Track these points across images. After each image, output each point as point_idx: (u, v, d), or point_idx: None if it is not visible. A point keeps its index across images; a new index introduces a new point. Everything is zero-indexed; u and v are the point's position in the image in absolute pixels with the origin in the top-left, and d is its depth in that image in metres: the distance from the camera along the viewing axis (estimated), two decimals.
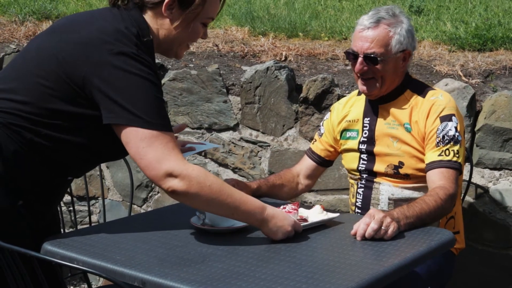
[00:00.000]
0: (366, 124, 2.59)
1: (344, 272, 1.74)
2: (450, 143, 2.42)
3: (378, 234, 2.00)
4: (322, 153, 2.75)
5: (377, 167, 2.54)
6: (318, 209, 2.19)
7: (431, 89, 2.55)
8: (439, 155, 2.41)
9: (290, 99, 3.47)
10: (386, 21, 2.45)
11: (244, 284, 1.67)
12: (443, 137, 2.42)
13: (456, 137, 2.43)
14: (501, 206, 3.05)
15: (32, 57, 1.98)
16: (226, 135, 3.66)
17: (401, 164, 2.49)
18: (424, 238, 2.05)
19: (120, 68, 1.86)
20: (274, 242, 1.97)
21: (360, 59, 2.46)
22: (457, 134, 2.43)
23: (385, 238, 2.01)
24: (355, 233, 2.02)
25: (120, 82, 1.86)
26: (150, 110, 1.86)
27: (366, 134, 2.58)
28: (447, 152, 2.41)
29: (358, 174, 2.61)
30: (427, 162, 2.43)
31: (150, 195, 3.90)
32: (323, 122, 2.77)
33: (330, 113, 2.76)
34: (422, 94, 2.52)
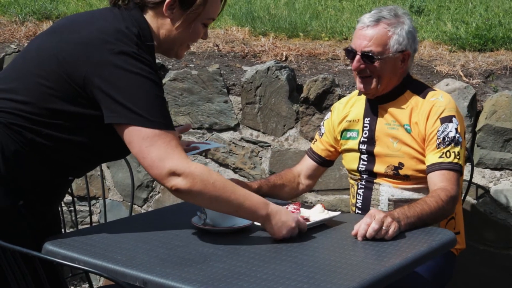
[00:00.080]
0: (366, 124, 2.58)
1: (345, 272, 1.74)
2: (451, 145, 2.41)
3: (379, 234, 2.00)
4: (322, 153, 2.74)
5: (377, 168, 2.54)
6: (319, 208, 2.19)
7: (431, 90, 2.54)
8: (440, 157, 2.40)
9: (290, 99, 3.47)
10: (387, 20, 2.45)
11: (245, 284, 1.67)
12: (444, 138, 2.42)
13: (456, 138, 2.42)
14: (502, 206, 3.05)
15: (32, 57, 1.98)
16: (227, 135, 3.65)
17: (401, 165, 2.48)
18: (425, 238, 2.05)
19: (121, 67, 1.86)
20: (275, 242, 1.97)
21: (357, 57, 2.46)
22: (457, 135, 2.43)
23: (386, 238, 2.01)
24: (356, 233, 2.02)
25: (121, 82, 1.86)
26: (152, 109, 1.86)
27: (366, 134, 2.57)
28: (448, 154, 2.40)
29: (358, 174, 2.61)
30: (428, 164, 2.42)
31: (150, 195, 3.90)
32: (324, 122, 2.77)
33: (330, 113, 2.75)
34: (422, 95, 2.51)
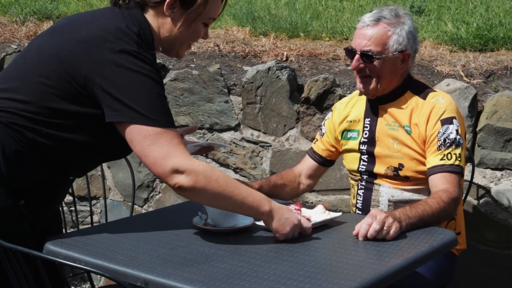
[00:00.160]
0: (366, 124, 2.58)
1: (346, 272, 1.74)
2: (452, 147, 2.41)
3: (380, 235, 2.00)
4: (323, 153, 2.74)
5: (377, 169, 2.53)
6: (320, 208, 2.19)
7: (432, 90, 2.53)
8: (441, 159, 2.39)
9: (291, 99, 3.47)
10: (387, 20, 2.45)
11: (246, 284, 1.67)
12: (445, 140, 2.41)
13: (457, 140, 2.42)
14: (502, 207, 3.05)
15: (33, 57, 1.98)
16: (228, 135, 3.65)
17: (401, 166, 2.48)
18: (426, 238, 2.05)
19: (121, 66, 1.86)
20: (276, 242, 1.97)
21: (357, 56, 2.46)
22: (458, 137, 2.42)
23: (387, 238, 2.01)
24: (357, 233, 2.02)
25: (122, 80, 1.86)
26: (153, 107, 1.86)
27: (366, 134, 2.57)
28: (449, 156, 2.39)
29: (358, 175, 2.60)
30: (429, 166, 2.42)
31: (151, 195, 3.90)
32: (325, 121, 2.76)
33: (331, 112, 2.75)
34: (423, 95, 2.50)
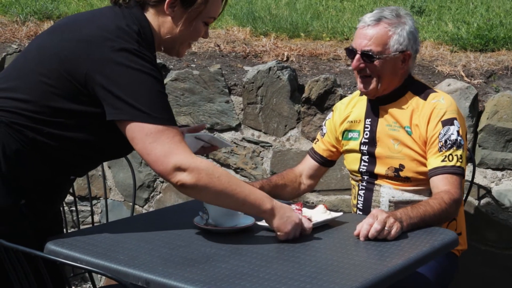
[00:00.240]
0: (367, 125, 2.58)
1: (347, 272, 1.74)
2: (453, 148, 2.40)
3: (382, 235, 2.00)
4: (324, 153, 2.74)
5: (378, 169, 2.53)
6: (321, 208, 2.19)
7: (433, 91, 2.52)
8: (443, 161, 2.39)
9: (292, 99, 3.47)
10: (388, 20, 2.44)
11: (248, 284, 1.66)
12: (446, 141, 2.40)
13: (458, 141, 2.41)
14: (503, 207, 3.05)
15: (33, 56, 1.98)
16: (228, 135, 3.65)
17: (401, 167, 2.48)
18: (427, 239, 2.05)
19: (122, 64, 1.86)
20: (278, 242, 1.97)
21: (357, 56, 2.46)
22: (459, 138, 2.42)
23: (388, 238, 2.01)
24: (358, 233, 2.01)
25: (122, 78, 1.86)
26: (154, 105, 1.86)
27: (367, 135, 2.57)
28: (450, 157, 2.39)
29: (359, 175, 2.60)
30: (430, 167, 2.41)
31: (152, 195, 3.90)
32: (326, 122, 2.76)
33: (332, 113, 2.75)
34: (423, 96, 2.50)
